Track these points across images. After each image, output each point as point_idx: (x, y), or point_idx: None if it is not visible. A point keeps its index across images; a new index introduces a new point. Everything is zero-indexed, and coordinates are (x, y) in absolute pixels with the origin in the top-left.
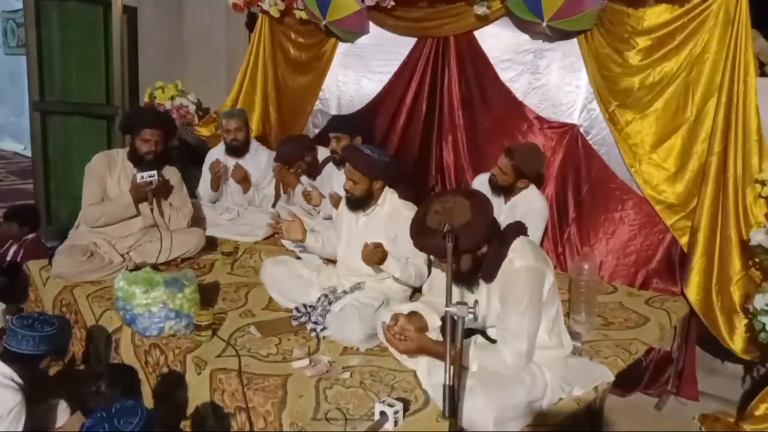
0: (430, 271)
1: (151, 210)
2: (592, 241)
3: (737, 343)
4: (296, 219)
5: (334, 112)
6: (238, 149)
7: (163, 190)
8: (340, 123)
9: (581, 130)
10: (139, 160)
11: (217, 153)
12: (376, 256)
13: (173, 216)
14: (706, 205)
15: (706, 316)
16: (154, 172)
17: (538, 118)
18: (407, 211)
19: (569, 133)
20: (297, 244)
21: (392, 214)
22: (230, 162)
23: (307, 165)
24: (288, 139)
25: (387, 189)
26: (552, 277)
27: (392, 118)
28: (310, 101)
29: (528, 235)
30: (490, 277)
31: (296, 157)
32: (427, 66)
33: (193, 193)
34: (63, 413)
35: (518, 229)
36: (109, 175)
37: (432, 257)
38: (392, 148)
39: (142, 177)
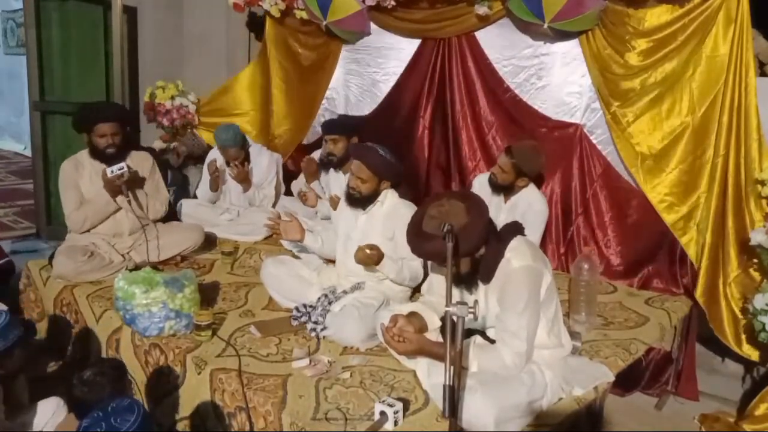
0: (426, 272)
1: (129, 202)
2: (594, 241)
3: (744, 345)
4: (294, 219)
5: (342, 111)
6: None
7: (136, 180)
8: (334, 125)
9: (585, 129)
10: (102, 156)
11: (217, 153)
12: (371, 259)
13: (150, 205)
14: (713, 207)
15: (714, 318)
16: (123, 165)
17: (543, 117)
18: (407, 210)
19: (573, 133)
20: (296, 243)
21: (391, 213)
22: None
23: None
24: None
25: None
26: (550, 276)
27: (405, 119)
28: (317, 100)
29: (525, 235)
30: (487, 278)
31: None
32: (435, 67)
33: (193, 195)
34: (60, 411)
35: (515, 228)
36: (80, 178)
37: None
38: (405, 150)
39: (112, 171)
